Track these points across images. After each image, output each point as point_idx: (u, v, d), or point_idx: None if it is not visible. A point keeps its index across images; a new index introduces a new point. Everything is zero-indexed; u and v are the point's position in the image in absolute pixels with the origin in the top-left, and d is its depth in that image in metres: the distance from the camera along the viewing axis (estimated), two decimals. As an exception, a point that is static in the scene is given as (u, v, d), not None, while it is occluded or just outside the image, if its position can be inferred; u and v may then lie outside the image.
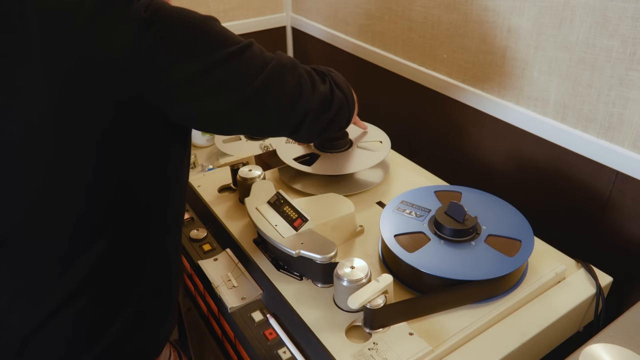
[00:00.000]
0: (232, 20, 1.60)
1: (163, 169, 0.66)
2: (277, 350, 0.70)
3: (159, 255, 0.70)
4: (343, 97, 0.80)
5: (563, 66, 0.91)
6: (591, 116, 0.90)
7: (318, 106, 0.74)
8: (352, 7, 1.39)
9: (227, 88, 0.63)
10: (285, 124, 0.72)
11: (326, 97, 0.76)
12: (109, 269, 0.64)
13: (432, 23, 1.15)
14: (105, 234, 0.62)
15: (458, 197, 0.88)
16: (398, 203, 0.87)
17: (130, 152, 0.61)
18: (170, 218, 0.71)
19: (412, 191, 0.91)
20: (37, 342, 0.62)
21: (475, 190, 0.90)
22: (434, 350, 0.67)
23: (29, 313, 0.62)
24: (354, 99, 0.86)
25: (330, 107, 0.77)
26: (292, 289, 0.78)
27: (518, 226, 0.81)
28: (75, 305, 0.62)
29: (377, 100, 1.43)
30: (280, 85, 0.68)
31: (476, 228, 0.79)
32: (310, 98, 0.72)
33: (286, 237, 0.78)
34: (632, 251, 0.91)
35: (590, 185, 0.94)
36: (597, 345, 0.62)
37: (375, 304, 0.67)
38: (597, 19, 0.83)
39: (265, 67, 0.66)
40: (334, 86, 0.78)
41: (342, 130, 0.94)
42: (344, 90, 0.81)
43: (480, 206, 0.85)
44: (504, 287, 0.76)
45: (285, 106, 0.70)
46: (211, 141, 1.30)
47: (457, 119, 1.18)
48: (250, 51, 0.65)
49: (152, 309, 0.71)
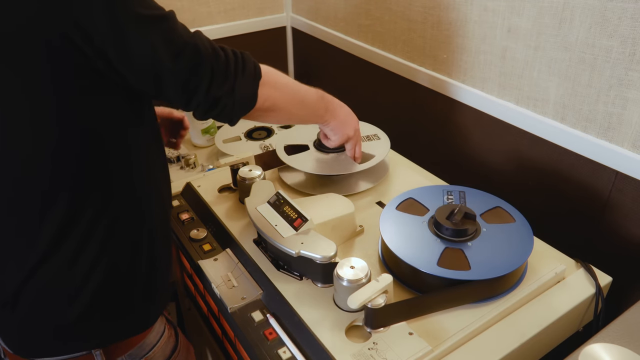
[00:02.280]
0: (232, 21, 1.60)
1: (124, 132, 0.67)
2: (277, 350, 0.70)
3: (131, 219, 0.71)
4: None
5: (563, 66, 0.91)
6: (591, 116, 0.90)
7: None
8: (352, 7, 1.39)
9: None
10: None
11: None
12: (80, 227, 0.66)
13: (432, 23, 1.15)
14: (75, 190, 0.64)
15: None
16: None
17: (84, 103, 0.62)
18: (140, 185, 0.71)
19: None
20: (26, 297, 0.68)
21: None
22: (433, 350, 0.67)
23: (16, 270, 0.67)
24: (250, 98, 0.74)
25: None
26: (292, 289, 0.78)
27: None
28: (52, 261, 0.66)
29: (377, 100, 1.44)
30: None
31: (476, 228, 0.79)
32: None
33: (286, 237, 0.78)
34: (632, 251, 0.92)
35: (590, 185, 0.94)
36: (597, 345, 0.62)
37: (376, 304, 0.67)
38: (597, 19, 0.83)
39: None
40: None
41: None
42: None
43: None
44: (504, 287, 0.76)
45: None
46: (211, 141, 1.31)
47: (457, 119, 1.18)
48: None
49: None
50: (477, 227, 0.80)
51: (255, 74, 0.73)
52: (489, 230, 0.80)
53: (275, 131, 1.27)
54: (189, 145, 1.32)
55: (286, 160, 1.02)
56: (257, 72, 0.73)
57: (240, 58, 0.71)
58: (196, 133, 1.29)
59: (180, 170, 1.21)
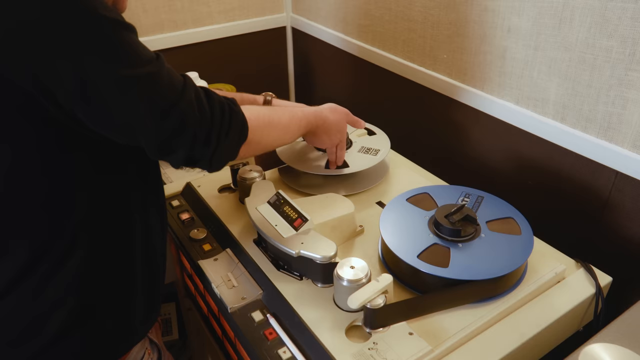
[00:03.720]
0: (232, 21, 1.60)
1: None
2: (277, 350, 0.70)
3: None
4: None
5: (562, 66, 0.92)
6: (591, 116, 0.90)
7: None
8: (352, 7, 1.40)
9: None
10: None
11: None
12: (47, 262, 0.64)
13: (432, 23, 1.15)
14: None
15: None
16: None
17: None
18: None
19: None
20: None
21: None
22: (433, 350, 0.67)
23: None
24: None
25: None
26: (292, 289, 0.78)
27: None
28: (22, 286, 0.64)
29: (377, 100, 1.44)
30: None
31: (475, 228, 0.79)
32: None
33: (286, 237, 0.78)
34: (632, 251, 0.92)
35: (590, 185, 0.94)
36: (597, 344, 0.62)
37: (375, 304, 0.67)
38: (597, 19, 0.84)
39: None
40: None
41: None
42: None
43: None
44: (504, 287, 0.76)
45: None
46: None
47: (457, 119, 1.18)
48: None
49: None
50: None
51: (240, 137, 0.68)
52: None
53: (275, 131, 1.27)
54: (189, 145, 1.32)
55: (286, 160, 1.02)
56: (242, 134, 0.68)
57: (228, 118, 0.66)
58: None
59: (181, 170, 1.21)
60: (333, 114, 0.92)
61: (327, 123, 0.90)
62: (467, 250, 0.76)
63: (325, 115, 0.90)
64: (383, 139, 1.09)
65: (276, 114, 0.78)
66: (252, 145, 0.72)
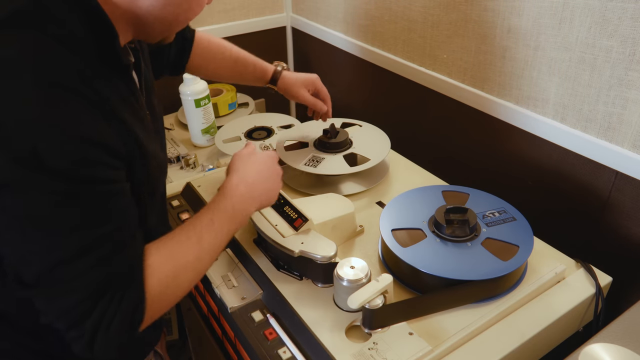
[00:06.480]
0: (232, 21, 1.60)
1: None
2: (277, 350, 0.70)
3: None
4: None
5: (563, 66, 0.91)
6: (591, 116, 0.90)
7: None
8: (352, 7, 1.40)
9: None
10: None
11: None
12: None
13: (432, 23, 1.15)
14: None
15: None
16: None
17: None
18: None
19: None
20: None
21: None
22: (433, 350, 0.67)
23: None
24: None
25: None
26: (292, 289, 0.78)
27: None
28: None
29: (377, 100, 1.43)
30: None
31: (475, 228, 0.79)
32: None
33: (286, 237, 0.78)
34: (632, 251, 0.92)
35: (590, 185, 0.94)
36: (597, 344, 0.62)
37: (375, 304, 0.67)
38: (597, 19, 0.83)
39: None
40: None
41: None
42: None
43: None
44: (504, 287, 0.76)
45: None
46: (211, 141, 1.31)
47: (457, 119, 1.18)
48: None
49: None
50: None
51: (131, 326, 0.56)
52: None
53: (275, 131, 1.27)
54: (189, 145, 1.32)
55: (286, 160, 1.02)
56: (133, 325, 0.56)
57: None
58: (196, 133, 1.29)
59: (180, 170, 1.21)
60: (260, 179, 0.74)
61: (253, 190, 0.73)
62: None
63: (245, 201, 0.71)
64: (383, 139, 1.09)
65: (181, 246, 0.62)
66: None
